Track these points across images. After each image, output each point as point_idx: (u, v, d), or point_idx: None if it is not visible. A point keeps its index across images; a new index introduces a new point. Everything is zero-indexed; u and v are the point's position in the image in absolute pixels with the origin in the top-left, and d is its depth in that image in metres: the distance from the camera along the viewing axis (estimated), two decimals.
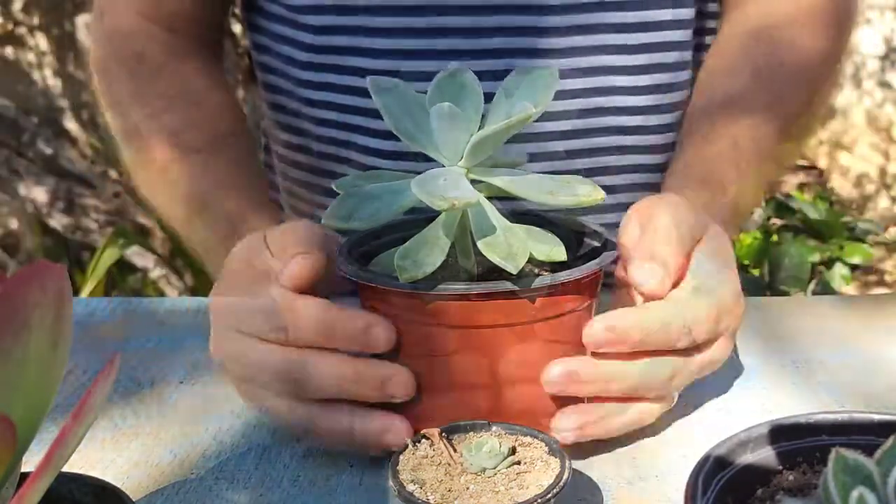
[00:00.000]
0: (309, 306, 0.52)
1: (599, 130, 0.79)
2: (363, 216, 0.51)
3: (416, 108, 0.53)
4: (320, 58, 0.81)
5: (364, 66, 0.78)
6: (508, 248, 0.49)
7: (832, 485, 0.34)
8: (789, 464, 0.41)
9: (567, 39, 0.76)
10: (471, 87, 0.53)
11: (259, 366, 0.53)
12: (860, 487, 0.33)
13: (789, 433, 0.42)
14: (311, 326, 0.52)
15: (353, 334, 0.51)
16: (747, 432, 0.41)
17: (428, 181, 0.50)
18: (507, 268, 0.48)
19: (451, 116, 0.50)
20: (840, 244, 2.55)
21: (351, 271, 0.53)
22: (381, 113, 0.53)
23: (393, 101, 0.53)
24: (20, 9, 2.69)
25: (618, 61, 0.78)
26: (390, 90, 0.53)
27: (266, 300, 0.53)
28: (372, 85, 0.53)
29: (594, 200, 0.51)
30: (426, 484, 0.44)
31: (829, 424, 0.42)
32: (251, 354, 0.53)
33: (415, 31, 0.77)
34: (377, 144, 0.79)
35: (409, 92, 0.53)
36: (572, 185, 0.52)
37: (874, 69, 3.23)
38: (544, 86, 0.53)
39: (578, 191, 0.51)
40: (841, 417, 0.42)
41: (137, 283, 2.55)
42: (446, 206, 0.47)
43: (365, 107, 0.79)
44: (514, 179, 0.52)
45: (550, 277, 0.50)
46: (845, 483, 0.34)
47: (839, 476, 0.34)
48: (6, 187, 2.63)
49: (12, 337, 0.34)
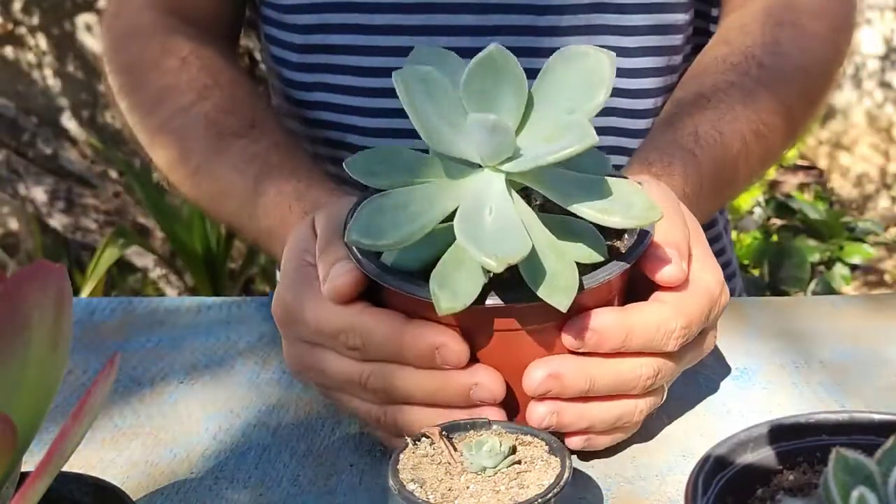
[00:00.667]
0: (375, 327, 0.50)
1: (601, 130, 0.78)
2: (393, 237, 0.46)
3: (446, 99, 0.47)
4: (312, 58, 0.80)
5: (359, 64, 0.78)
6: (557, 279, 0.46)
7: (832, 484, 0.34)
8: (789, 464, 0.41)
9: (567, 40, 0.76)
10: (513, 75, 0.46)
11: (341, 377, 0.52)
12: (860, 487, 0.33)
13: (789, 433, 0.41)
14: (379, 347, 0.50)
15: (424, 353, 0.49)
16: (747, 432, 0.41)
17: (472, 220, 0.45)
18: (559, 306, 0.45)
19: (494, 129, 0.45)
20: (840, 244, 2.56)
21: (372, 271, 0.49)
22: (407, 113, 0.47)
23: (420, 96, 0.47)
24: (20, 9, 2.69)
25: (619, 63, 0.77)
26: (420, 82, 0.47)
27: (331, 320, 0.50)
28: (397, 78, 0.47)
29: (650, 221, 0.48)
30: (426, 483, 0.44)
31: (829, 424, 0.42)
32: (331, 366, 0.52)
33: (413, 29, 0.77)
34: (373, 144, 0.79)
35: (441, 85, 0.47)
36: (627, 198, 0.47)
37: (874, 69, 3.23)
38: (599, 80, 0.47)
39: (633, 210, 0.47)
40: (841, 417, 0.42)
41: (137, 283, 2.55)
42: (501, 268, 0.44)
43: (360, 106, 0.79)
44: (562, 193, 0.47)
45: (589, 278, 0.48)
46: (845, 483, 0.34)
47: (839, 476, 0.34)
48: (6, 187, 2.63)
49: (12, 337, 0.34)
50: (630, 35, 0.77)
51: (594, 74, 0.47)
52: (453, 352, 0.49)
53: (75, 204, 2.63)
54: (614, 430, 0.52)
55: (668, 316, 0.50)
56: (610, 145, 0.80)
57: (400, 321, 0.50)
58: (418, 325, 0.50)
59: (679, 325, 0.50)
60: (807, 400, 0.60)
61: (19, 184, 2.63)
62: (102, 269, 2.17)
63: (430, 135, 0.47)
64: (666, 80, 0.80)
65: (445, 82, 0.48)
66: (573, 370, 0.50)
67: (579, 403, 0.50)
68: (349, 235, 0.47)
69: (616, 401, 0.51)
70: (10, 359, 0.34)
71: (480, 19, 0.76)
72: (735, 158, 0.69)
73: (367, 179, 0.48)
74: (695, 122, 0.69)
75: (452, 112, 0.47)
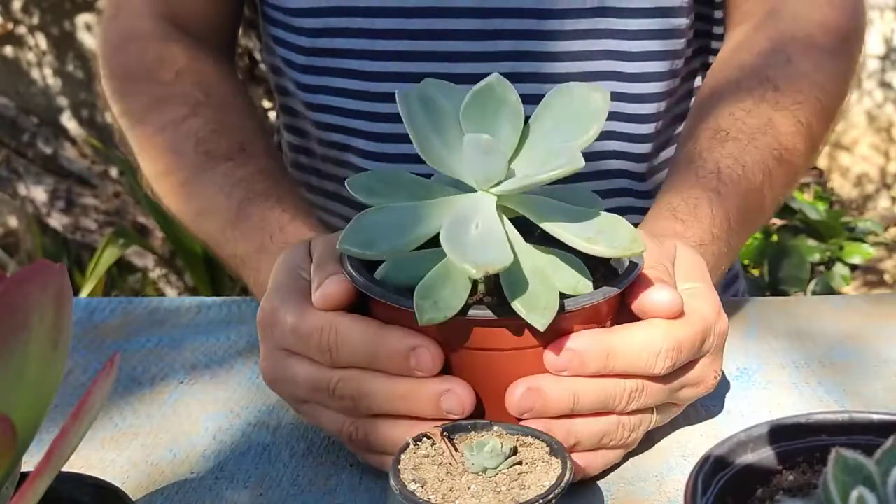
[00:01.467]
0: (351, 327, 0.50)
1: (603, 135, 0.78)
2: (384, 248, 0.48)
3: (446, 121, 0.49)
4: (318, 61, 0.80)
5: (364, 69, 0.78)
6: (537, 300, 0.46)
7: (832, 485, 0.34)
8: (789, 464, 0.41)
9: (569, 44, 0.76)
10: (511, 105, 0.48)
11: (310, 384, 0.51)
12: (860, 487, 0.33)
13: (789, 433, 0.41)
14: (354, 348, 0.50)
15: (397, 359, 0.49)
16: (747, 432, 0.41)
17: (458, 231, 0.46)
18: (535, 324, 0.46)
19: (488, 150, 0.46)
20: (840, 244, 2.56)
21: (360, 283, 0.50)
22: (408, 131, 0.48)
23: (420, 116, 0.49)
24: (20, 9, 2.69)
25: (622, 67, 0.77)
26: (420, 105, 0.49)
27: (309, 320, 0.51)
28: (400, 97, 0.49)
29: (633, 253, 0.48)
30: (427, 483, 0.44)
31: (829, 424, 0.42)
32: (301, 373, 0.52)
33: (417, 34, 0.76)
34: (377, 148, 0.79)
35: (440, 107, 0.49)
36: (613, 229, 0.48)
37: (874, 69, 3.23)
38: (594, 113, 0.48)
39: (617, 241, 0.47)
40: (841, 417, 0.42)
41: (137, 283, 2.55)
42: (480, 274, 0.45)
43: (365, 110, 0.79)
44: (551, 220, 0.48)
45: (572, 302, 0.48)
46: (845, 483, 0.34)
47: (839, 476, 0.34)
48: (6, 187, 2.63)
49: (12, 336, 0.34)
50: (633, 39, 0.77)
51: (588, 109, 0.49)
52: (428, 354, 0.49)
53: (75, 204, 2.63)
54: (601, 448, 0.51)
55: (654, 338, 0.50)
56: (612, 149, 0.80)
57: (376, 325, 0.50)
58: (394, 329, 0.50)
59: (665, 347, 0.49)
60: (807, 400, 0.60)
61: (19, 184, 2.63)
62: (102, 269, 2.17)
63: (427, 153, 0.48)
64: (668, 84, 0.79)
65: (447, 106, 0.49)
66: (556, 386, 0.49)
67: (565, 420, 0.50)
68: (341, 243, 0.48)
69: (601, 416, 0.50)
70: (10, 358, 0.34)
71: (483, 23, 0.76)
72: (760, 188, 0.68)
73: (367, 198, 0.50)
74: (716, 159, 0.68)
75: (450, 134, 0.49)
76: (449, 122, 0.49)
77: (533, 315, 0.46)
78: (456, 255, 0.45)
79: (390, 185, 0.51)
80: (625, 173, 0.81)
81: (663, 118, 0.81)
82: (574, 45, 0.76)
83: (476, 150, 0.47)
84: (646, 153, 0.81)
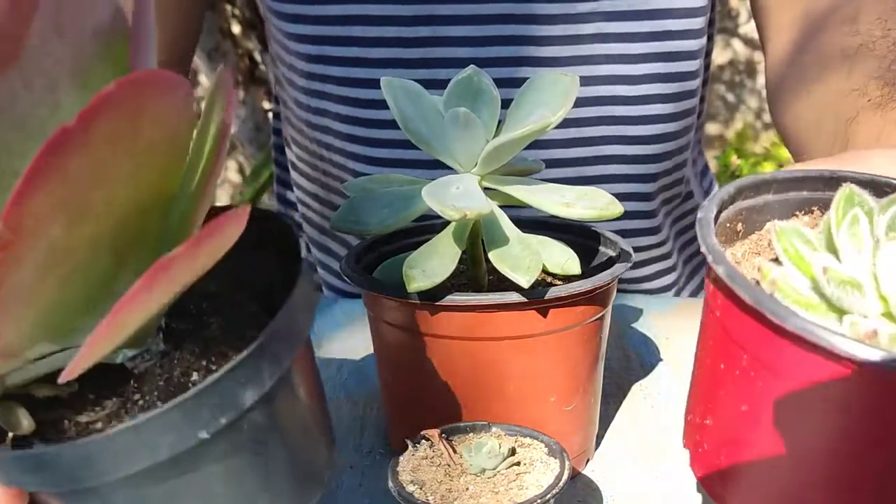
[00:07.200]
0: None
1: (606, 138, 0.78)
2: (372, 222, 0.50)
3: (430, 111, 0.51)
4: (316, 85, 0.80)
5: (359, 96, 0.77)
6: (520, 260, 0.48)
7: (833, 212, 0.36)
8: (805, 210, 0.43)
9: (571, 48, 0.76)
10: (487, 92, 0.51)
11: None
12: (856, 209, 0.36)
13: (814, 183, 0.43)
14: None
15: None
16: (774, 174, 0.43)
17: (440, 189, 0.48)
18: (519, 281, 0.46)
19: (467, 123, 0.48)
20: None
21: (356, 280, 0.51)
22: (394, 118, 0.50)
23: (406, 104, 0.51)
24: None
25: (624, 70, 0.77)
26: (403, 92, 0.51)
27: None
28: (385, 85, 0.51)
29: (612, 214, 0.49)
30: (426, 485, 0.44)
31: (851, 178, 0.42)
32: None
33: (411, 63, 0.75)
34: (378, 172, 0.79)
35: (423, 95, 0.51)
36: (590, 196, 0.50)
37: None
38: (563, 93, 0.50)
39: (596, 203, 0.49)
40: (863, 177, 0.42)
41: None
42: (457, 216, 0.46)
43: (363, 136, 0.78)
44: (530, 189, 0.51)
45: (563, 289, 0.49)
46: (846, 210, 0.36)
47: (842, 204, 0.36)
48: None
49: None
50: (634, 63, 0.76)
51: (560, 92, 0.51)
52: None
53: None
54: None
55: None
56: (613, 173, 0.79)
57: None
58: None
59: None
60: None
61: None
62: None
63: (412, 133, 0.51)
64: (677, 105, 0.79)
65: (428, 96, 0.52)
66: None
67: None
68: (334, 221, 0.50)
69: None
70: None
71: (484, 30, 0.74)
72: None
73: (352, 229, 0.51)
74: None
75: (432, 117, 0.51)
76: (430, 108, 0.51)
77: (517, 273, 0.47)
78: (435, 203, 0.46)
79: (383, 184, 0.53)
80: (631, 196, 0.81)
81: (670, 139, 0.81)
82: (577, 49, 0.75)
83: (457, 125, 0.48)
84: (652, 174, 0.81)
